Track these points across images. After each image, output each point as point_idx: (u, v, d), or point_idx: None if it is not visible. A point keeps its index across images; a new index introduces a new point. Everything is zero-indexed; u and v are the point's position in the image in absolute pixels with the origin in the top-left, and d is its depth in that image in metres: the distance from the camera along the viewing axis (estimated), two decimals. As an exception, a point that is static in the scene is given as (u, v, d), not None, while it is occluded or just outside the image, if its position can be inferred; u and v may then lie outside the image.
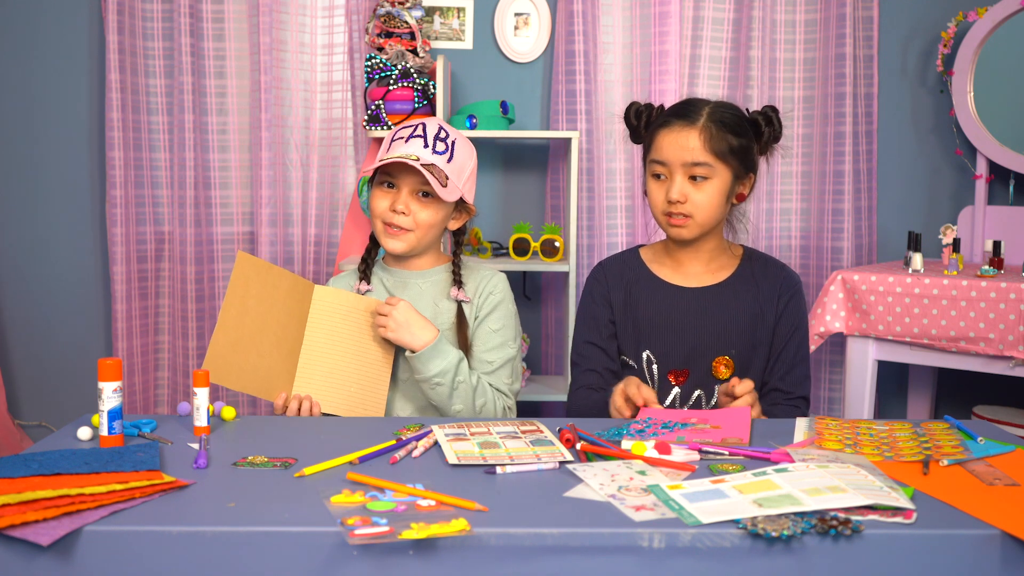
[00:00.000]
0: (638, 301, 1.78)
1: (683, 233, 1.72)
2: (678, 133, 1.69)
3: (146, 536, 1.04)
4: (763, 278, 1.78)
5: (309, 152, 3.11)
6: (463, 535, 1.03)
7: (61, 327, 3.20)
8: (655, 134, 1.73)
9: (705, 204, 1.69)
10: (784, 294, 1.78)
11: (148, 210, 3.11)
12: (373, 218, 1.81)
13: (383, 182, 1.79)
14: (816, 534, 1.04)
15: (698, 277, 1.78)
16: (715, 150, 1.68)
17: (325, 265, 3.13)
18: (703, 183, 1.69)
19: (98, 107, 3.13)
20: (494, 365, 1.80)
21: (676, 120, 1.70)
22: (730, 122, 1.70)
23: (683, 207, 1.69)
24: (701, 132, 1.68)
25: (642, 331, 1.77)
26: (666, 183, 1.71)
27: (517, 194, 3.19)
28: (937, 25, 3.08)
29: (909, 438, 1.40)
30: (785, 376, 1.76)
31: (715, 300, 1.76)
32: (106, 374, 1.34)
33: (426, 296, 1.83)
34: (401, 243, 1.79)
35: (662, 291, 1.78)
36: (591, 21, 3.02)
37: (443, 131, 1.78)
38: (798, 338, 1.78)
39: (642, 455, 1.29)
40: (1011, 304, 2.35)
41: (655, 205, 1.74)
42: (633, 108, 1.79)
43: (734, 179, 1.72)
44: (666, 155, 1.70)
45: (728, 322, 1.75)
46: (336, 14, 3.09)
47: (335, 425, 1.57)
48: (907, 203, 3.17)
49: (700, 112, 1.70)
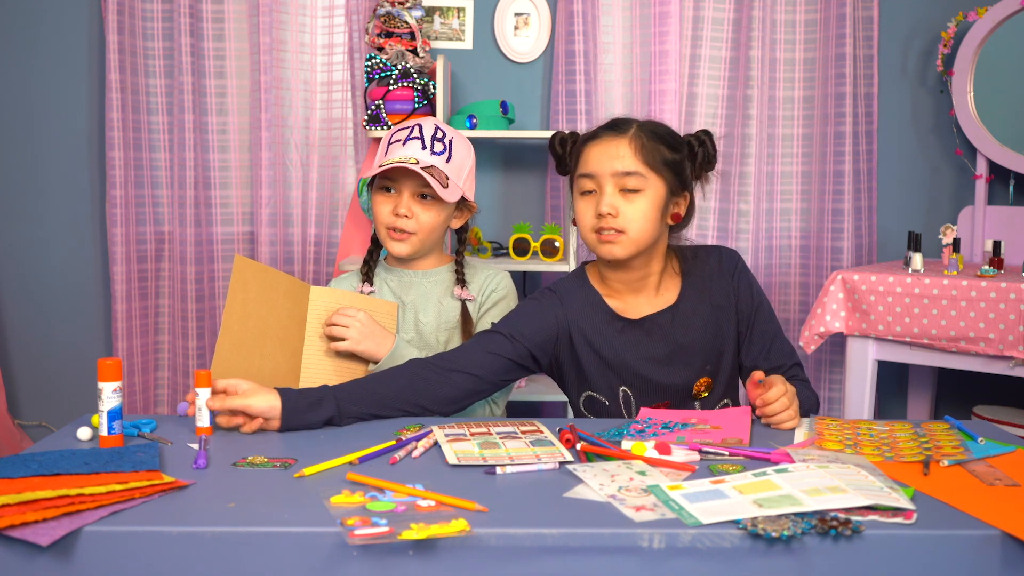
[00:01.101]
0: (603, 340, 1.66)
1: (615, 251, 1.59)
2: (607, 143, 1.60)
3: (146, 536, 1.04)
4: (705, 272, 1.70)
5: (309, 152, 3.11)
6: (463, 535, 1.03)
7: (61, 327, 3.20)
8: (581, 150, 1.63)
9: (638, 217, 1.57)
10: (731, 276, 1.69)
11: (148, 210, 3.11)
12: (377, 224, 1.82)
13: (383, 187, 1.79)
14: (816, 534, 1.04)
15: (651, 304, 1.68)
16: (646, 160, 1.58)
17: (325, 265, 3.13)
18: (634, 196, 1.58)
19: (98, 107, 3.13)
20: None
21: (604, 132, 1.62)
22: (663, 134, 1.62)
23: (614, 221, 1.57)
24: (632, 141, 1.59)
25: (614, 369, 1.66)
26: (595, 198, 1.60)
27: (517, 194, 3.19)
28: (937, 25, 3.07)
29: (909, 438, 1.40)
30: (768, 354, 1.69)
31: (678, 322, 1.66)
32: (106, 374, 1.34)
33: (431, 295, 1.84)
34: (406, 247, 1.79)
35: (626, 327, 1.67)
36: (591, 21, 3.02)
37: (439, 131, 1.78)
38: (763, 313, 1.70)
39: (642, 455, 1.29)
40: (1011, 304, 2.35)
41: (584, 224, 1.62)
42: (557, 137, 1.69)
43: (668, 194, 1.61)
44: (594, 167, 1.59)
45: (697, 338, 1.66)
46: (336, 14, 3.09)
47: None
48: (907, 203, 3.17)
49: (630, 125, 1.62)
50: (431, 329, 1.81)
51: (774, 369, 1.67)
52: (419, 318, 1.82)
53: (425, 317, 1.82)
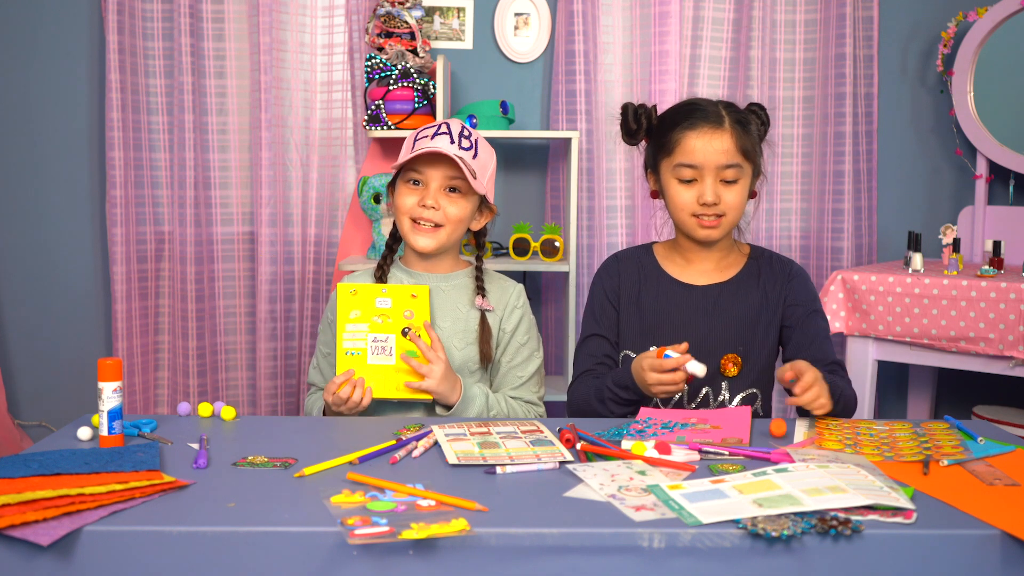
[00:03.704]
0: (647, 297, 1.78)
1: (714, 235, 1.72)
2: (710, 136, 1.68)
3: (146, 536, 1.04)
4: (768, 273, 1.79)
5: (309, 152, 3.11)
6: (463, 535, 1.03)
7: (61, 327, 3.20)
8: (680, 137, 1.71)
9: (737, 204, 1.71)
10: (788, 280, 1.78)
11: (148, 210, 3.11)
12: (399, 215, 1.78)
13: (409, 179, 1.77)
14: (816, 534, 1.05)
15: (708, 275, 1.78)
16: (742, 150, 1.69)
17: (325, 265, 3.13)
18: (733, 184, 1.70)
19: (98, 107, 3.13)
20: (523, 378, 1.82)
21: (702, 122, 1.70)
22: (745, 121, 1.72)
23: (716, 208, 1.69)
24: (731, 134, 1.69)
25: (649, 326, 1.76)
26: (695, 186, 1.70)
27: (517, 194, 3.19)
28: (937, 25, 3.07)
29: (909, 438, 1.40)
30: (809, 348, 1.72)
31: (723, 297, 1.76)
32: (106, 374, 1.34)
33: (449, 301, 1.80)
34: (432, 239, 1.76)
35: (671, 288, 1.78)
36: (591, 21, 3.02)
37: (466, 130, 1.78)
38: (817, 318, 1.76)
39: (642, 455, 1.29)
40: (1011, 304, 2.35)
41: (682, 207, 1.72)
42: (631, 110, 1.78)
43: (754, 175, 1.75)
44: (699, 159, 1.68)
45: (736, 318, 1.74)
46: (336, 14, 3.09)
47: (335, 425, 1.57)
48: (907, 203, 3.17)
49: (721, 113, 1.70)
50: (446, 335, 1.76)
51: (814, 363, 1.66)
52: (436, 323, 1.77)
53: (442, 322, 1.78)
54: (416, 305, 1.72)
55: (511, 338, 1.82)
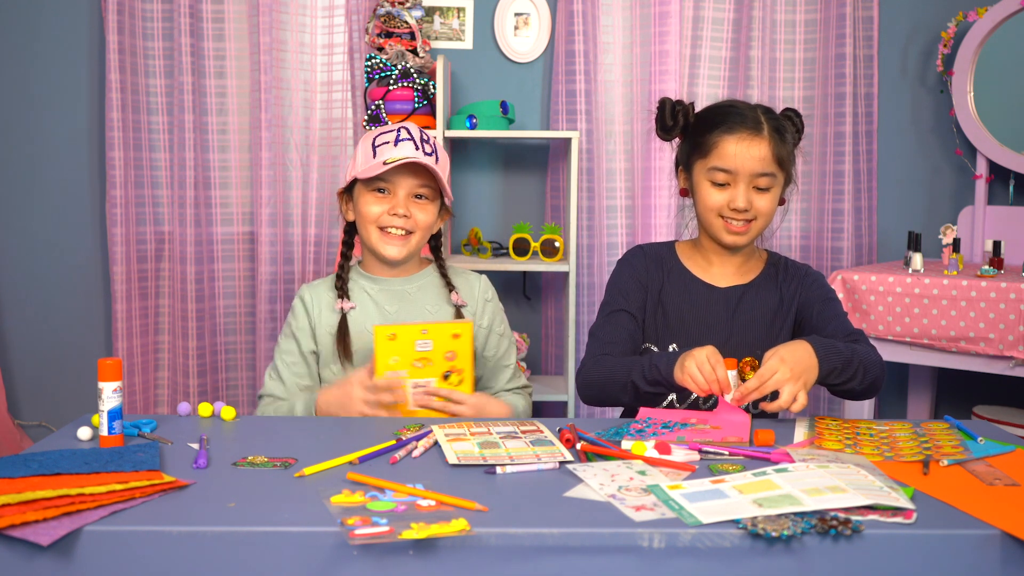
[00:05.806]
0: (670, 293, 1.76)
1: (740, 241, 1.71)
2: (749, 142, 1.66)
3: (146, 536, 1.04)
4: (785, 276, 1.79)
5: (309, 152, 3.11)
6: (463, 535, 1.03)
7: (61, 327, 3.20)
8: (717, 140, 1.68)
9: (767, 211, 1.69)
10: (803, 280, 1.78)
11: (148, 210, 3.11)
12: (366, 224, 1.76)
13: (375, 188, 1.75)
14: (816, 534, 1.05)
15: (728, 277, 1.77)
16: (778, 158, 1.67)
17: (325, 265, 3.13)
18: (765, 192, 1.68)
19: (98, 107, 3.13)
20: (512, 366, 1.86)
21: (740, 127, 1.67)
22: (782, 128, 1.70)
23: (746, 214, 1.68)
24: (769, 142, 1.67)
25: (671, 324, 1.75)
26: (727, 189, 1.68)
27: (517, 194, 3.19)
28: (937, 25, 3.08)
29: (909, 438, 1.41)
30: (826, 328, 1.70)
31: (743, 300, 1.75)
32: (106, 374, 1.34)
33: (417, 303, 1.81)
34: (402, 247, 1.75)
35: (695, 287, 1.76)
36: (591, 21, 3.02)
37: (424, 134, 1.77)
38: (832, 305, 1.75)
39: (642, 455, 1.29)
40: (1011, 304, 2.35)
41: (711, 208, 1.70)
42: (668, 106, 1.74)
43: (786, 183, 1.73)
44: (735, 164, 1.66)
45: (756, 321, 1.74)
46: (336, 14, 3.09)
47: (335, 425, 1.57)
48: (907, 203, 3.17)
49: (760, 119, 1.68)
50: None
51: (829, 335, 1.66)
52: None
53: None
54: (459, 346, 1.64)
55: (490, 331, 1.84)
